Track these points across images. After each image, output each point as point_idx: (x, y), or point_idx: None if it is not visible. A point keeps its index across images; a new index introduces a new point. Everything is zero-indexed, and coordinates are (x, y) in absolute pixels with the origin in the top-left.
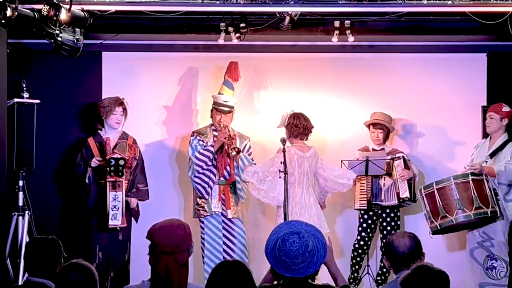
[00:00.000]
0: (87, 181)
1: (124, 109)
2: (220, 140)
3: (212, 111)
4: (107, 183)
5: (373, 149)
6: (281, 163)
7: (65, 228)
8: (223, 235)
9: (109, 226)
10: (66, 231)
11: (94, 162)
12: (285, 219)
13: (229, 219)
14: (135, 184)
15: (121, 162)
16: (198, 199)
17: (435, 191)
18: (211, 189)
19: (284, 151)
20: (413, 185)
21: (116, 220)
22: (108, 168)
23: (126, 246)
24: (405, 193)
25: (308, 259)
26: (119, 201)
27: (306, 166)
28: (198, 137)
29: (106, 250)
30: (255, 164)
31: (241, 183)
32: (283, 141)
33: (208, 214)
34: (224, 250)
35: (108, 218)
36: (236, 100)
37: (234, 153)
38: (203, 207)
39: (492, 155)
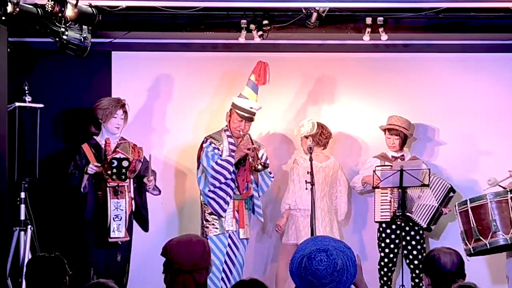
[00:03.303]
0: (82, 190)
1: (125, 112)
2: (243, 151)
3: (230, 114)
4: (108, 189)
5: (393, 156)
6: (308, 173)
7: (71, 244)
8: (227, 252)
9: (110, 240)
10: (73, 248)
11: (91, 169)
12: (311, 233)
13: (237, 239)
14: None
15: (125, 163)
16: (207, 215)
17: (469, 210)
18: (228, 204)
19: (311, 159)
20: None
21: (118, 231)
22: (109, 171)
23: (125, 268)
24: (433, 226)
25: (336, 279)
26: (122, 210)
27: (321, 176)
28: (212, 144)
29: (102, 271)
30: (273, 177)
31: (260, 200)
32: (310, 149)
33: (219, 232)
34: (223, 269)
35: (107, 232)
36: (260, 106)
37: (260, 167)
38: (213, 224)
39: None
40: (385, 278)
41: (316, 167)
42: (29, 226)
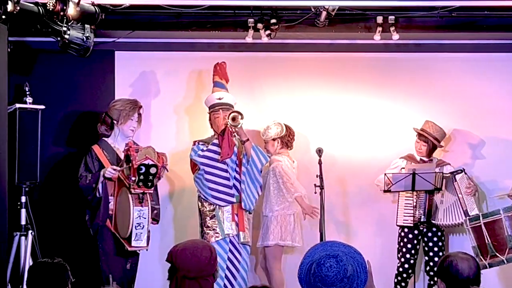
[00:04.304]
0: (97, 195)
1: (139, 115)
2: (222, 125)
3: (209, 119)
4: (130, 196)
5: (422, 160)
6: (317, 177)
7: (74, 250)
8: (228, 258)
9: (130, 249)
10: (75, 253)
11: (110, 172)
12: (321, 239)
13: (238, 244)
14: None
15: (153, 170)
16: (208, 220)
17: (482, 226)
18: (232, 189)
19: (320, 163)
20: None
21: (140, 240)
22: (135, 178)
23: (133, 278)
24: (474, 210)
25: (347, 285)
26: (145, 218)
27: (295, 175)
28: (200, 143)
29: (119, 280)
30: (269, 156)
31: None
32: (319, 151)
33: (220, 237)
34: (225, 276)
35: (128, 240)
36: (232, 97)
37: (239, 123)
38: (214, 229)
39: None
40: (403, 284)
41: (294, 168)
42: (30, 231)
